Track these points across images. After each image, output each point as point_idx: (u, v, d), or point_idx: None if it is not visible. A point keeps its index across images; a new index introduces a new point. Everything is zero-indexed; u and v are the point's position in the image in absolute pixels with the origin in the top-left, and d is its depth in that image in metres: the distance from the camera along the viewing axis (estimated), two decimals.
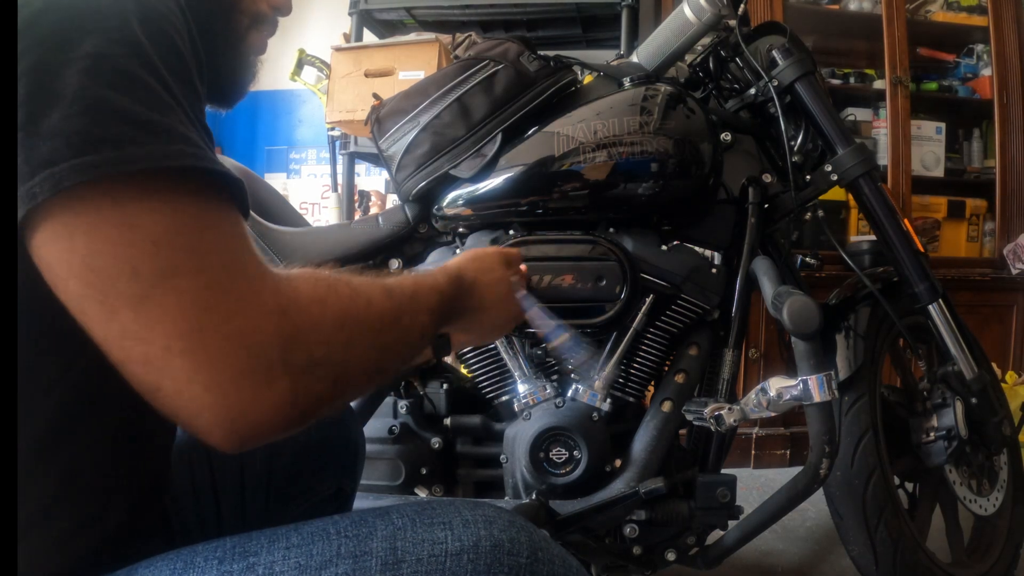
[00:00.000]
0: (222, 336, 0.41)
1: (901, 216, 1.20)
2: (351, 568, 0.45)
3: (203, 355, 0.41)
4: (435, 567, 0.46)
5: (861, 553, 1.19)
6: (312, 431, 0.83)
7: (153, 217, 0.41)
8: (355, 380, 0.50)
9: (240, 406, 0.42)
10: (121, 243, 0.40)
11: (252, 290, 0.44)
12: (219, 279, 0.42)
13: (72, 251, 0.40)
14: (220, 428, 0.42)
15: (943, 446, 1.20)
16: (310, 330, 0.46)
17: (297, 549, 0.46)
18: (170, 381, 0.41)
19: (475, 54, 1.15)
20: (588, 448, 1.06)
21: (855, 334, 1.26)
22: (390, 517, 0.49)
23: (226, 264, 0.43)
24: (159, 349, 0.41)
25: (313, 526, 0.48)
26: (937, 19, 2.57)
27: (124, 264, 0.40)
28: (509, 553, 0.48)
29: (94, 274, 0.40)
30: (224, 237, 0.44)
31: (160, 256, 0.41)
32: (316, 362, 0.45)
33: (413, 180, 1.14)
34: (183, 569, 0.46)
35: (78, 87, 0.40)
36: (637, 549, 1.09)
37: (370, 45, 2.21)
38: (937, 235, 2.49)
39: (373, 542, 0.46)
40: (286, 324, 0.44)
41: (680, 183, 1.07)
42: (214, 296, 0.42)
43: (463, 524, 0.48)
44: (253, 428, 0.43)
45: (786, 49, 1.17)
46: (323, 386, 0.46)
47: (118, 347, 0.41)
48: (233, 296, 0.43)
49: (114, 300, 0.40)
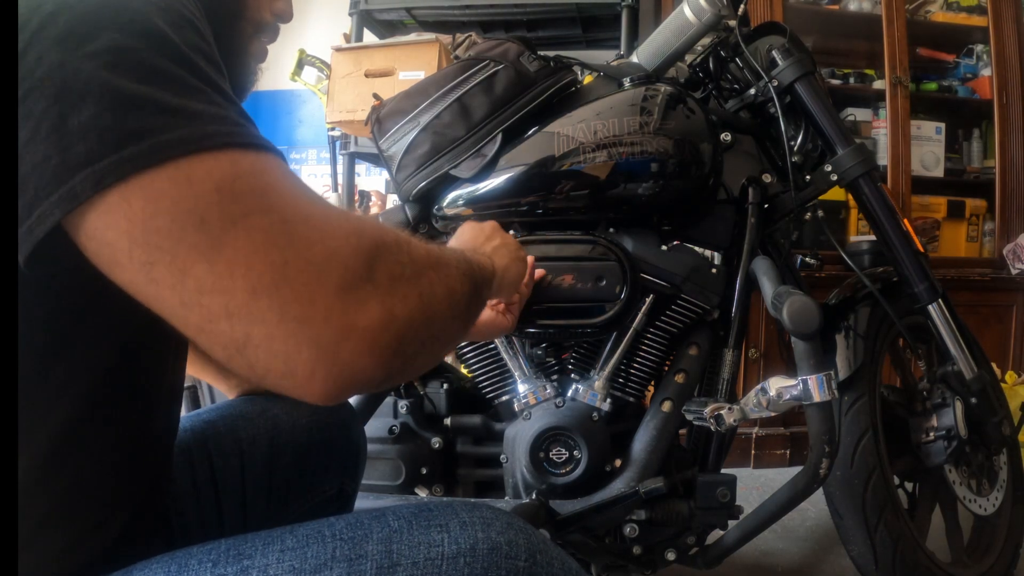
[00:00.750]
0: (306, 263, 0.40)
1: (901, 216, 1.20)
2: (346, 572, 0.45)
3: (291, 288, 0.39)
4: (431, 571, 0.45)
5: (861, 553, 1.19)
6: (314, 431, 0.83)
7: (209, 169, 0.40)
8: (438, 313, 0.48)
9: (339, 334, 0.40)
10: (182, 197, 0.39)
11: (325, 217, 0.43)
12: (291, 214, 0.41)
13: (131, 221, 0.38)
14: (322, 367, 0.40)
15: (943, 446, 1.20)
16: (387, 248, 0.45)
17: (292, 552, 0.46)
18: (260, 326, 0.39)
19: (475, 54, 1.16)
20: (588, 448, 1.06)
21: (855, 334, 1.26)
22: (386, 519, 0.48)
23: (294, 199, 0.43)
24: (243, 294, 0.39)
25: (308, 528, 0.48)
26: (937, 19, 2.57)
27: (189, 216, 0.39)
28: (507, 556, 0.47)
29: (159, 235, 0.38)
30: (285, 177, 0.44)
31: (225, 201, 0.40)
32: (398, 278, 0.44)
33: (413, 180, 1.14)
34: (177, 571, 0.46)
35: (103, 82, 0.39)
36: (637, 549, 1.09)
37: (370, 45, 2.21)
38: (937, 235, 2.49)
39: (368, 545, 0.46)
40: (364, 242, 0.43)
41: (680, 183, 1.08)
42: (289, 229, 0.41)
43: (460, 526, 0.48)
44: (354, 361, 0.41)
45: (786, 49, 1.17)
46: (410, 308, 0.44)
47: (198, 309, 0.39)
48: (309, 226, 0.41)
49: (185, 256, 0.38)
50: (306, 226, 0.41)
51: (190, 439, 0.75)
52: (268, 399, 0.84)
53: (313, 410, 0.84)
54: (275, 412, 0.82)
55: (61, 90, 0.39)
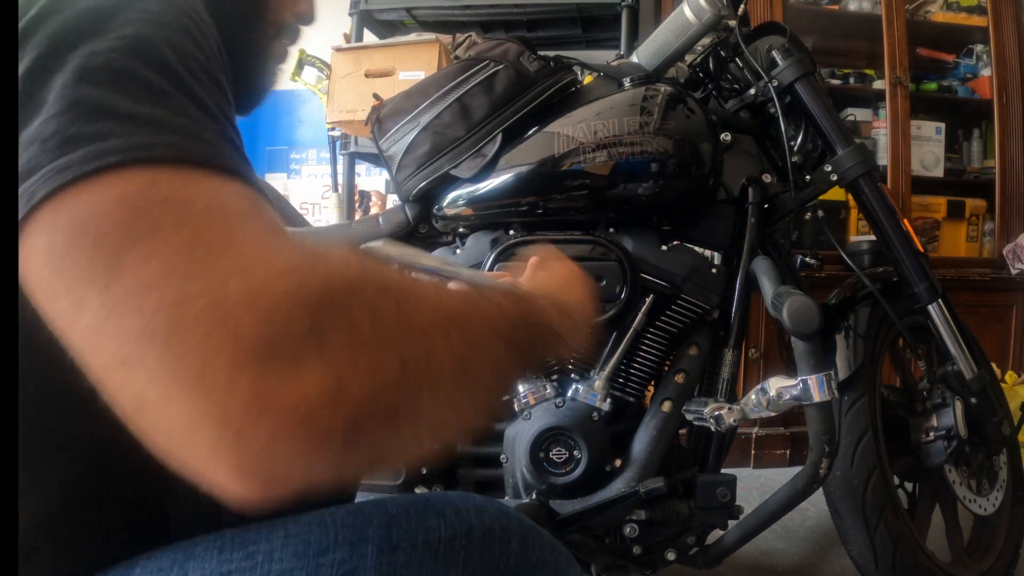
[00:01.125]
0: (212, 303, 0.30)
1: (901, 216, 1.20)
2: (348, 555, 0.45)
3: (185, 336, 0.29)
4: (429, 553, 0.47)
5: (861, 553, 1.19)
6: None
7: (128, 181, 0.32)
8: (441, 387, 0.35)
9: (250, 410, 0.29)
10: (87, 214, 0.31)
11: (260, 243, 0.33)
12: (209, 236, 0.31)
13: (49, 239, 0.32)
14: (227, 452, 0.29)
15: (943, 446, 1.21)
16: (351, 295, 0.33)
17: (295, 538, 0.46)
18: (154, 384, 0.29)
19: (475, 54, 1.16)
20: (588, 448, 1.06)
21: (855, 334, 1.26)
22: (385, 507, 0.49)
23: (223, 220, 0.33)
24: (133, 338, 0.29)
25: (310, 516, 0.48)
26: (937, 19, 2.57)
27: (85, 235, 0.31)
28: (500, 540, 0.49)
29: (60, 257, 0.31)
30: (216, 188, 0.34)
31: (128, 219, 0.31)
32: (363, 339, 0.32)
33: (413, 180, 1.14)
34: (183, 559, 0.46)
35: (61, 89, 0.34)
36: (637, 549, 1.09)
37: (370, 45, 2.21)
38: (937, 235, 2.49)
39: (369, 530, 0.47)
40: (312, 282, 0.32)
41: (680, 183, 1.08)
42: (199, 256, 0.31)
43: (455, 513, 0.49)
44: (274, 450, 0.29)
45: (786, 49, 1.17)
46: (378, 382, 0.32)
47: (95, 353, 0.31)
48: (231, 253, 0.31)
49: (80, 286, 0.31)
50: (226, 253, 0.31)
51: None
52: None
53: None
54: None
55: (26, 100, 0.34)
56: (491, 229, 1.16)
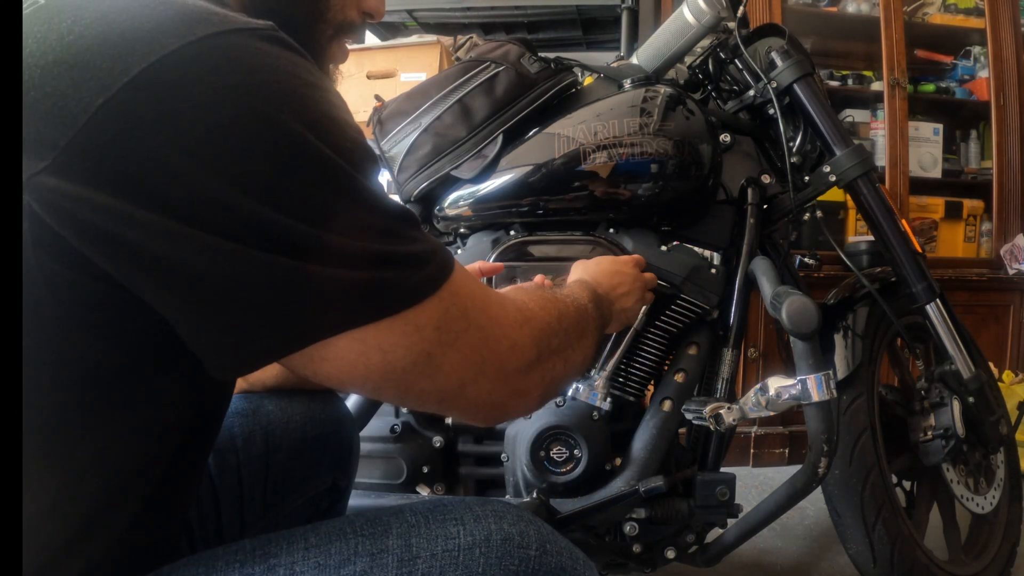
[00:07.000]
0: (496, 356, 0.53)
1: (899, 217, 1.21)
2: (368, 565, 0.46)
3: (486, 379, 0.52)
4: (449, 561, 0.47)
5: (859, 551, 1.20)
6: (307, 427, 0.84)
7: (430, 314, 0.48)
8: (573, 369, 0.64)
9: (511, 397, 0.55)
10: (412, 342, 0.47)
11: (503, 312, 0.55)
12: (484, 321, 0.53)
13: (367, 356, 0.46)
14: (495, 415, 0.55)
15: (940, 445, 1.21)
16: (549, 330, 0.60)
17: (316, 549, 0.47)
18: (459, 403, 0.53)
19: (476, 56, 1.16)
20: (588, 447, 1.07)
21: (853, 334, 1.27)
22: (404, 515, 0.50)
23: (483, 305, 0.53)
24: (455, 390, 0.51)
25: (330, 526, 0.49)
26: (934, 21, 2.58)
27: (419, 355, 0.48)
28: (519, 546, 0.49)
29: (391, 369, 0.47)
30: (466, 283, 0.52)
31: (443, 335, 0.49)
32: (553, 351, 0.59)
33: (415, 181, 1.15)
34: (205, 574, 0.47)
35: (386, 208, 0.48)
36: (637, 547, 1.10)
37: (372, 47, 2.22)
38: (934, 235, 2.50)
39: (389, 539, 0.48)
40: (534, 331, 0.57)
41: (679, 184, 1.08)
42: (485, 335, 0.52)
43: (474, 519, 0.50)
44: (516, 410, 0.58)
45: (785, 51, 1.18)
46: (556, 374, 0.60)
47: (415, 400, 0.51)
48: (496, 325, 0.54)
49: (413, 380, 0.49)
50: (494, 327, 0.53)
51: None
52: (262, 396, 0.84)
53: (306, 407, 0.85)
54: (269, 409, 0.82)
55: None
56: (492, 230, 1.17)
